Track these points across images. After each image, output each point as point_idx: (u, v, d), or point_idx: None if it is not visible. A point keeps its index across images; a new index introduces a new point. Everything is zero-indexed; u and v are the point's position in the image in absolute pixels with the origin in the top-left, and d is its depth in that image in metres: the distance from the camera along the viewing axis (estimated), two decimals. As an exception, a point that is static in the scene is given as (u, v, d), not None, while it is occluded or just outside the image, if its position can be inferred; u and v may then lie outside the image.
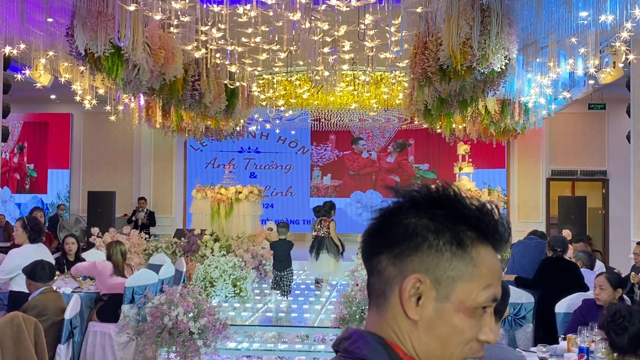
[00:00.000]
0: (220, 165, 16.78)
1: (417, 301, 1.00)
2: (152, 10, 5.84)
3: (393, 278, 1.02)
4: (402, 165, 17.48)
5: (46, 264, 5.05)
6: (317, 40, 6.79)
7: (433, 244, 1.01)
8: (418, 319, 1.00)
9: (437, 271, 1.00)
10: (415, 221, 1.02)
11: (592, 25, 6.26)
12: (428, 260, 1.00)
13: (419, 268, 1.00)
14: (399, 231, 1.02)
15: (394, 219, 1.04)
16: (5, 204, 16.16)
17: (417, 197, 1.04)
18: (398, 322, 1.02)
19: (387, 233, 1.04)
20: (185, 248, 10.48)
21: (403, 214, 1.03)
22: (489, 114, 10.81)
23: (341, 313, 6.23)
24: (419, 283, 1.00)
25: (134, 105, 10.45)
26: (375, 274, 1.05)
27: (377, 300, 1.05)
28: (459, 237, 1.02)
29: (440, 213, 1.02)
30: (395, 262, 1.02)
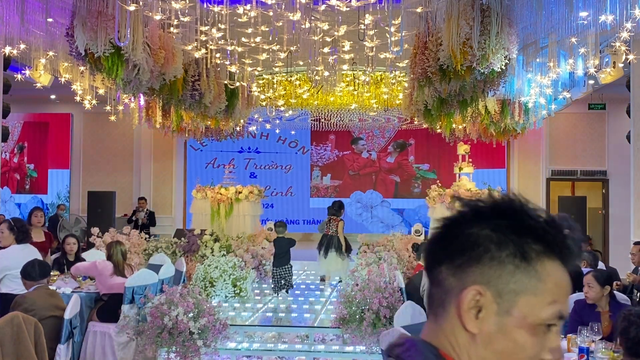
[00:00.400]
0: (220, 165, 16.78)
1: (476, 314, 0.97)
2: (152, 10, 5.85)
3: (453, 289, 0.99)
4: (402, 165, 17.47)
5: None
6: (317, 40, 6.79)
7: (495, 255, 0.98)
8: (477, 332, 0.97)
9: (499, 284, 0.97)
10: (477, 232, 0.99)
11: (592, 25, 6.26)
12: (490, 272, 0.97)
13: (479, 280, 0.97)
14: (460, 241, 1.00)
15: (456, 229, 1.01)
16: (5, 204, 16.15)
17: (481, 207, 1.01)
18: (456, 334, 0.99)
19: (449, 243, 1.01)
20: (185, 248, 10.48)
21: (466, 224, 1.00)
22: (489, 114, 10.81)
23: (341, 313, 6.23)
24: (479, 295, 0.97)
25: (134, 105, 10.46)
26: (436, 284, 1.03)
27: (436, 310, 1.03)
28: (523, 249, 0.98)
29: (504, 224, 0.99)
30: (455, 273, 1.00)
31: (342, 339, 6.51)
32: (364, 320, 5.99)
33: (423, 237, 11.79)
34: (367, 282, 6.35)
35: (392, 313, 5.77)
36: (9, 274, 5.66)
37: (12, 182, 17.34)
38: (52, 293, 5.06)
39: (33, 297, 4.78)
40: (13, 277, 5.54)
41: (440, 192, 12.26)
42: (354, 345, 6.34)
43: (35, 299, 4.75)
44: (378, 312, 5.99)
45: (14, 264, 5.46)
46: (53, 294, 5.08)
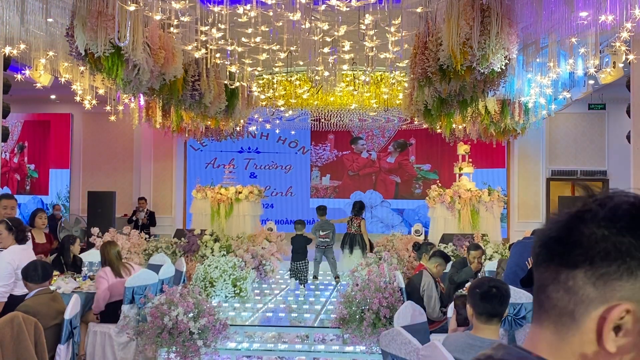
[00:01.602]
0: (220, 165, 16.79)
1: (616, 332, 0.88)
2: (152, 10, 5.85)
3: (591, 301, 0.88)
4: (402, 165, 17.46)
5: (39, 265, 4.96)
6: (317, 40, 6.79)
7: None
8: (615, 351, 0.88)
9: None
10: (632, 241, 0.87)
11: (592, 25, 6.26)
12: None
13: (628, 296, 0.87)
14: (607, 248, 0.88)
15: (599, 231, 0.89)
16: (5, 204, 16.13)
17: (634, 212, 0.89)
18: (586, 350, 0.89)
19: (590, 246, 0.89)
20: (185, 248, 10.49)
21: (615, 228, 0.88)
22: (489, 114, 10.82)
23: (341, 313, 6.23)
24: (625, 313, 0.87)
25: (134, 105, 10.46)
26: (563, 289, 0.91)
27: (559, 318, 0.92)
28: None
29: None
30: (597, 284, 0.88)
31: (342, 339, 6.51)
32: (364, 320, 5.99)
33: (423, 237, 11.80)
34: (367, 282, 6.35)
35: (392, 313, 5.77)
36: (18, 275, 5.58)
37: (12, 182, 17.34)
38: (54, 297, 5.00)
39: (35, 306, 4.68)
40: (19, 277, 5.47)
41: (440, 192, 12.26)
42: (354, 345, 6.34)
43: (38, 308, 4.67)
44: (378, 312, 5.99)
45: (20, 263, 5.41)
46: (55, 297, 5.01)
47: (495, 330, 3.19)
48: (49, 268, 5.08)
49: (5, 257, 5.49)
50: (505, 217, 15.50)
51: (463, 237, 10.26)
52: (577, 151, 15.69)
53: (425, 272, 6.56)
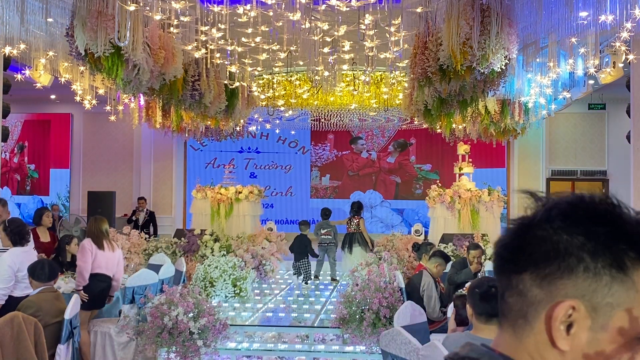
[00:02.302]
0: (220, 165, 16.79)
1: (567, 330, 0.89)
2: (152, 10, 5.84)
3: (539, 302, 0.90)
4: (403, 165, 17.45)
5: (47, 264, 5.01)
6: (317, 40, 6.79)
7: (590, 266, 0.88)
8: (567, 349, 0.88)
9: (594, 297, 0.88)
10: (568, 238, 0.89)
11: (592, 25, 6.26)
12: (584, 285, 0.88)
13: (572, 293, 0.88)
14: (547, 249, 0.90)
15: (539, 233, 0.91)
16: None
17: (569, 210, 0.90)
18: (541, 351, 0.91)
19: (532, 249, 0.91)
20: (185, 248, 10.49)
21: (552, 229, 0.90)
22: (489, 114, 10.81)
23: (341, 313, 6.23)
24: (571, 310, 0.88)
25: (134, 105, 10.46)
26: (515, 293, 0.93)
27: (515, 321, 0.94)
28: (620, 258, 0.88)
29: (601, 231, 0.88)
30: (542, 284, 0.90)
31: (342, 339, 6.51)
32: (364, 320, 5.99)
33: (423, 237, 11.80)
34: (367, 282, 6.35)
35: (392, 313, 5.77)
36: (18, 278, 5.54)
37: (13, 182, 17.34)
38: (57, 296, 5.01)
39: (39, 302, 4.71)
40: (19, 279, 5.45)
41: (440, 192, 12.26)
42: (354, 345, 6.34)
43: (41, 304, 4.69)
44: (378, 312, 6.00)
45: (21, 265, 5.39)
46: (58, 296, 5.03)
47: (494, 330, 3.18)
48: (56, 268, 5.11)
49: (7, 260, 5.46)
50: (505, 217, 15.50)
51: (463, 237, 10.26)
52: (577, 151, 15.70)
53: (425, 272, 6.56)
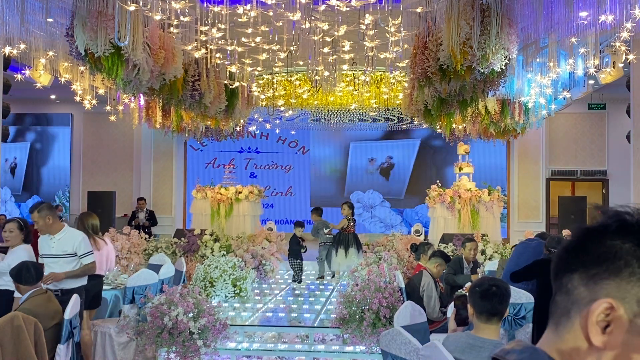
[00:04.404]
0: (220, 165, 16.79)
1: (604, 328, 0.92)
2: (152, 10, 5.84)
3: (583, 299, 0.94)
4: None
5: (31, 265, 4.92)
6: (317, 40, 6.80)
7: (637, 271, 0.91)
8: (602, 346, 0.92)
9: (635, 301, 0.91)
10: (620, 244, 0.93)
11: (592, 25, 6.26)
12: (627, 287, 0.92)
13: (614, 294, 0.92)
14: (599, 251, 0.95)
15: (596, 239, 0.96)
16: (5, 204, 16.16)
17: (628, 220, 0.95)
18: (577, 347, 0.94)
19: (587, 252, 0.96)
20: (185, 248, 10.49)
21: (608, 236, 0.95)
22: (489, 114, 10.82)
23: (341, 313, 6.23)
24: (610, 310, 0.91)
25: (134, 105, 10.46)
26: (564, 292, 0.98)
27: (559, 319, 0.98)
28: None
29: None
30: (588, 283, 0.94)
31: (342, 339, 6.51)
32: (364, 320, 5.99)
33: (423, 237, 11.80)
34: (367, 282, 6.35)
35: (392, 313, 5.77)
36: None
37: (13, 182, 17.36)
38: (48, 297, 4.95)
39: (34, 309, 4.64)
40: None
41: (440, 192, 12.26)
42: (354, 345, 6.34)
43: (37, 309, 4.63)
44: (378, 312, 6.00)
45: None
46: (50, 297, 4.97)
47: (495, 330, 3.19)
48: (40, 267, 5.04)
49: (24, 255, 5.52)
50: (505, 217, 15.50)
51: (463, 237, 10.27)
52: (577, 151, 15.69)
53: (425, 272, 6.57)
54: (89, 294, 6.11)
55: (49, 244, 5.61)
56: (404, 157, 17.25)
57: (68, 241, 5.62)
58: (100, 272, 6.39)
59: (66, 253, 5.58)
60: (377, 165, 17.38)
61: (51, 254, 5.56)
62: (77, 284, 5.67)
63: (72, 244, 5.62)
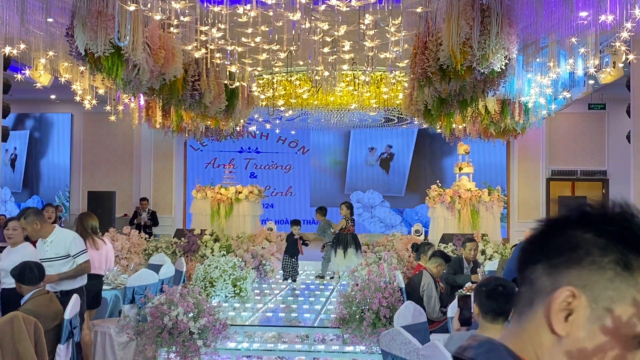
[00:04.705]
0: (220, 165, 16.79)
1: (566, 317, 0.93)
2: (152, 10, 5.84)
3: (545, 289, 0.95)
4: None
5: (34, 266, 4.91)
6: (317, 40, 6.79)
7: (597, 260, 0.93)
8: (564, 335, 0.92)
9: (596, 289, 0.92)
10: (581, 234, 0.95)
11: (592, 25, 6.26)
12: (588, 275, 0.93)
13: (575, 282, 0.93)
14: (561, 242, 0.96)
15: (558, 230, 0.98)
16: (5, 204, 16.16)
17: (589, 212, 0.97)
18: (540, 336, 0.95)
19: (549, 242, 0.98)
20: (185, 248, 10.49)
21: (570, 227, 0.97)
22: (489, 114, 10.81)
23: (341, 313, 6.24)
24: (572, 297, 0.92)
25: (134, 105, 10.46)
26: (528, 283, 0.99)
27: (522, 309, 0.99)
28: (627, 259, 0.93)
29: (611, 230, 0.94)
30: (551, 272, 0.95)
31: (342, 339, 6.51)
32: (364, 320, 5.99)
33: (423, 237, 11.80)
34: (367, 282, 6.35)
35: (392, 313, 5.77)
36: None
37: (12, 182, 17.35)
38: (50, 298, 4.94)
39: (36, 309, 4.63)
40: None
41: (440, 192, 12.26)
42: (354, 345, 6.34)
43: (39, 311, 4.62)
44: (378, 312, 6.00)
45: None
46: (52, 298, 4.96)
47: (501, 330, 3.17)
48: (42, 267, 5.03)
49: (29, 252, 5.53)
50: (505, 217, 15.50)
51: (463, 237, 10.27)
52: (577, 151, 15.69)
53: (425, 272, 6.57)
54: (89, 294, 6.11)
55: (43, 248, 5.57)
56: (402, 146, 17.22)
57: (60, 243, 5.59)
58: (99, 272, 6.39)
59: (59, 256, 5.54)
60: (377, 156, 17.37)
61: (46, 258, 5.53)
62: (76, 284, 5.66)
63: (64, 245, 5.59)
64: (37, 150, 17.35)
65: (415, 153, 17.14)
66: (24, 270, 4.81)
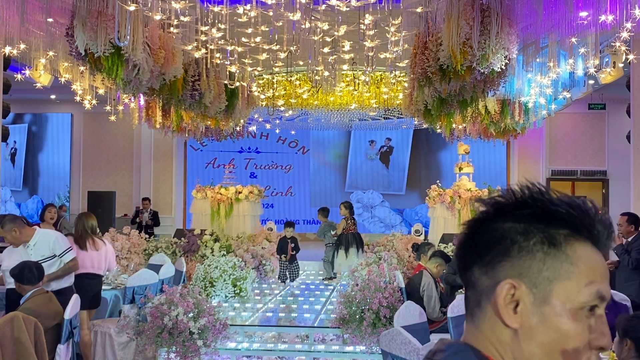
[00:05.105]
0: (220, 165, 16.79)
1: (514, 308, 0.95)
2: (152, 10, 5.84)
3: (487, 288, 0.97)
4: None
5: (33, 265, 4.92)
6: (317, 40, 6.79)
7: (523, 245, 0.95)
8: (518, 326, 0.94)
9: (531, 273, 0.94)
10: (501, 225, 0.97)
11: (592, 25, 6.26)
12: (520, 263, 0.95)
13: (511, 273, 0.95)
14: (486, 238, 0.98)
15: (480, 228, 1.00)
16: (5, 204, 16.15)
17: (501, 201, 0.99)
18: (496, 333, 0.96)
19: (476, 243, 1.00)
20: (185, 248, 10.49)
21: (490, 221, 0.99)
22: (489, 114, 10.81)
23: (341, 313, 6.24)
24: (513, 289, 0.94)
25: (134, 105, 10.45)
26: (470, 286, 1.01)
27: (472, 311, 1.01)
28: (550, 235, 0.95)
29: (527, 213, 0.96)
30: (487, 271, 0.97)
31: (342, 339, 6.51)
32: (364, 320, 5.99)
33: (423, 237, 11.79)
34: (367, 282, 6.35)
35: (392, 313, 5.77)
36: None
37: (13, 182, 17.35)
38: (50, 297, 4.95)
39: (37, 308, 4.64)
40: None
41: (440, 192, 12.26)
42: (354, 345, 6.34)
43: (40, 310, 4.64)
44: (378, 312, 6.00)
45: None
46: (51, 297, 4.96)
47: None
48: (41, 267, 5.03)
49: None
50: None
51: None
52: (577, 151, 15.70)
53: (425, 272, 6.57)
54: (89, 294, 6.11)
55: (27, 252, 5.50)
56: (402, 139, 17.20)
57: (43, 244, 5.54)
58: (99, 272, 6.39)
59: (45, 257, 5.49)
60: (377, 149, 17.37)
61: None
62: (64, 284, 5.62)
63: (48, 246, 5.55)
64: (35, 146, 17.35)
65: (414, 147, 17.15)
66: (23, 270, 4.81)
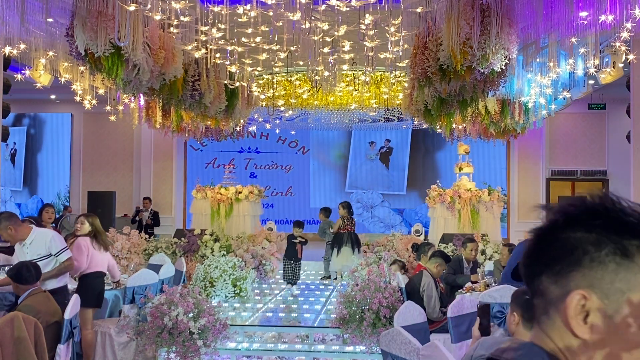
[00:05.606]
0: (220, 165, 16.79)
1: (584, 319, 0.93)
2: (152, 10, 5.84)
3: (556, 297, 0.96)
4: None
5: (31, 265, 4.92)
6: (317, 40, 6.79)
7: (594, 256, 0.94)
8: (588, 337, 0.93)
9: (603, 284, 0.93)
10: (572, 235, 0.96)
11: (592, 25, 6.26)
12: (591, 274, 0.94)
13: (582, 284, 0.94)
14: (556, 248, 0.97)
15: (550, 237, 0.99)
16: (5, 204, 16.15)
17: (572, 210, 0.98)
18: (565, 342, 0.96)
19: (545, 252, 0.99)
20: (185, 248, 10.49)
21: (559, 230, 0.97)
22: (489, 114, 10.81)
23: (341, 313, 6.24)
24: (584, 300, 0.93)
25: (134, 105, 10.45)
26: (539, 295, 1.00)
27: (540, 318, 1.00)
28: (623, 246, 0.93)
29: (599, 223, 0.95)
30: (557, 281, 0.96)
31: (342, 339, 6.51)
32: (364, 320, 5.99)
33: (423, 237, 11.79)
34: (367, 282, 6.35)
35: (392, 313, 5.77)
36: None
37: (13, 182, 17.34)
38: (47, 296, 4.94)
39: (36, 305, 4.65)
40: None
41: (440, 192, 12.26)
42: (354, 345, 6.34)
43: (39, 307, 4.65)
44: (378, 312, 6.00)
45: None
46: (48, 296, 4.96)
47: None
48: (38, 266, 5.03)
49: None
50: (505, 217, 15.49)
51: (463, 237, 10.26)
52: (577, 151, 15.70)
53: (425, 272, 6.57)
54: (94, 291, 6.11)
55: (23, 250, 5.49)
56: (401, 139, 17.20)
57: (40, 243, 5.53)
58: (104, 270, 6.38)
59: (41, 256, 5.47)
60: (377, 150, 17.37)
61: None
62: (59, 283, 5.61)
63: (44, 244, 5.53)
64: (35, 145, 17.35)
65: (413, 147, 17.15)
66: (21, 270, 4.80)
